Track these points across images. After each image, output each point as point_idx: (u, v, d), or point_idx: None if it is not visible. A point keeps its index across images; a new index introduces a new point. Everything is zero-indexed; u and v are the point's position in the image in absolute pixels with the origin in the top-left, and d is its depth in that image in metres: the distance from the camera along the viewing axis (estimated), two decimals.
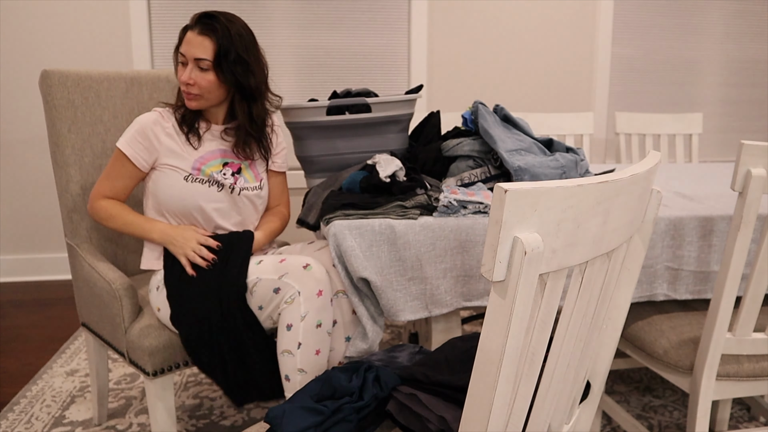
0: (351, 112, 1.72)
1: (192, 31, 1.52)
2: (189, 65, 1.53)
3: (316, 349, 1.39)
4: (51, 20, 3.17)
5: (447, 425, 0.99)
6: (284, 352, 1.39)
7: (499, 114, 1.73)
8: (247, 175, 1.65)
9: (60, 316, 2.82)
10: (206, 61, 1.51)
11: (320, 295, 1.39)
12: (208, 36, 1.50)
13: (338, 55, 3.43)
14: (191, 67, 1.52)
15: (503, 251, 0.59)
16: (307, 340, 1.38)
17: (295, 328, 1.38)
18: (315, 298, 1.39)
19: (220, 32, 1.50)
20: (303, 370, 1.39)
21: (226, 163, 1.62)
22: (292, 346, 1.38)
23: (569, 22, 3.59)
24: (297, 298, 1.38)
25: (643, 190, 0.80)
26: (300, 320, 1.38)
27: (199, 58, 1.51)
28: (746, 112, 3.92)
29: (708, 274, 1.53)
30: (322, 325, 1.39)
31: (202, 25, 1.51)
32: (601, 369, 0.99)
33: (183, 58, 1.54)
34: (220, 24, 1.50)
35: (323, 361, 1.41)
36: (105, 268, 1.60)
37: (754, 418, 1.95)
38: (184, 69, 1.54)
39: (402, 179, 1.57)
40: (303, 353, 1.38)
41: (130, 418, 1.94)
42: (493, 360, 0.62)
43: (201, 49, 1.50)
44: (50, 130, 1.71)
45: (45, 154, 3.29)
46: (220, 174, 1.60)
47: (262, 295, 1.43)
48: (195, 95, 1.55)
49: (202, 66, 1.51)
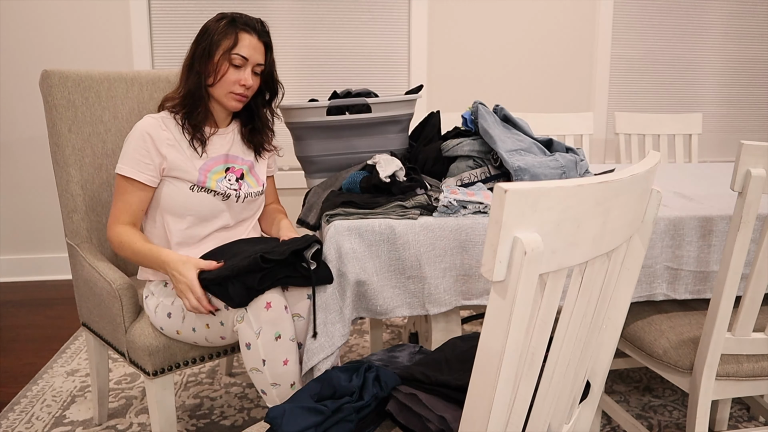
0: (351, 112, 1.72)
1: (251, 35, 1.54)
2: (247, 68, 1.54)
3: (282, 360, 1.35)
4: (51, 20, 3.17)
5: (447, 425, 0.99)
6: (252, 370, 1.37)
7: (498, 114, 1.73)
8: (249, 180, 1.64)
9: (60, 316, 2.82)
10: (261, 66, 1.57)
11: (268, 308, 1.34)
12: (265, 42, 1.57)
13: (338, 55, 3.43)
14: (250, 71, 1.55)
15: (503, 251, 0.59)
16: (269, 355, 1.34)
17: (254, 345, 1.34)
18: (263, 311, 1.34)
19: (271, 41, 1.59)
20: (276, 384, 1.36)
21: (228, 168, 1.60)
22: (257, 363, 1.35)
23: (569, 22, 3.59)
24: (245, 315, 1.34)
25: (643, 190, 0.80)
26: (256, 337, 1.34)
27: (259, 64, 1.56)
28: (746, 112, 3.93)
29: (707, 274, 1.53)
30: (281, 336, 1.35)
31: (262, 32, 1.56)
32: (600, 369, 0.99)
33: (242, 60, 1.52)
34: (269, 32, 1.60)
35: (295, 369, 1.37)
36: (105, 267, 1.60)
37: (754, 418, 1.95)
38: (237, 70, 1.53)
39: (402, 179, 1.57)
40: (270, 368, 1.35)
41: (131, 418, 1.94)
42: (493, 360, 0.63)
43: (261, 55, 1.56)
44: (50, 130, 1.71)
45: (45, 154, 3.29)
46: (225, 181, 1.58)
47: (220, 310, 1.41)
48: (246, 98, 1.58)
49: (257, 71, 1.57)
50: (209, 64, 1.52)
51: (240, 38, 1.52)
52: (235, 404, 2.03)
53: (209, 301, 1.40)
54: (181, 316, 1.48)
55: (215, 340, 1.50)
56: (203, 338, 1.49)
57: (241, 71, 1.53)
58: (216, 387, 2.15)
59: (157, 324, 1.52)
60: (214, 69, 1.52)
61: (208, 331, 1.47)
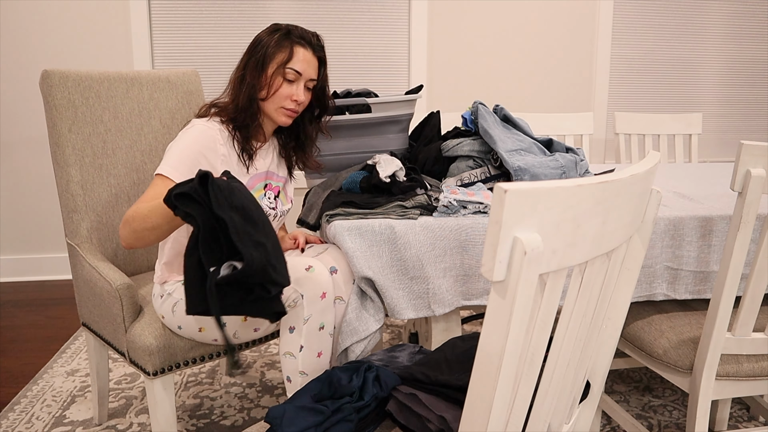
0: (351, 112, 1.72)
1: (306, 49, 1.48)
2: (300, 83, 1.49)
3: (318, 352, 1.39)
4: (51, 20, 3.17)
5: (447, 425, 0.99)
6: (286, 354, 1.39)
7: (498, 114, 1.74)
8: (282, 198, 1.63)
9: (60, 316, 2.82)
10: (314, 81, 1.52)
11: (323, 298, 1.38)
12: (319, 57, 1.52)
13: (338, 55, 3.43)
14: (303, 86, 1.50)
15: (503, 251, 0.59)
16: (309, 342, 1.37)
17: (298, 330, 1.37)
18: (318, 300, 1.37)
19: (326, 56, 1.54)
20: (304, 373, 1.39)
21: (266, 185, 1.58)
22: (294, 348, 1.38)
23: (569, 22, 3.59)
24: (300, 301, 1.36)
25: (643, 190, 0.80)
26: (303, 323, 1.37)
27: (312, 79, 1.51)
28: (746, 112, 3.93)
29: (707, 274, 1.53)
30: (324, 327, 1.38)
31: (317, 47, 1.51)
32: (600, 369, 0.99)
33: (295, 75, 1.47)
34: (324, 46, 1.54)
35: (325, 363, 1.41)
36: (105, 267, 1.60)
37: (754, 418, 1.95)
38: (291, 85, 1.48)
39: (402, 179, 1.57)
40: (305, 356, 1.38)
41: (131, 418, 1.94)
42: (493, 360, 0.63)
43: (314, 70, 1.51)
44: (50, 130, 1.72)
45: (45, 154, 3.29)
46: (265, 199, 1.57)
47: None
48: (297, 113, 1.52)
49: (309, 86, 1.51)
50: (262, 77, 1.47)
51: (295, 52, 1.47)
52: (235, 404, 2.03)
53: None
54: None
55: (245, 334, 1.49)
56: (231, 334, 1.49)
57: (294, 86, 1.48)
58: (216, 387, 2.15)
59: (174, 324, 1.49)
60: (267, 83, 1.47)
61: (243, 324, 1.47)
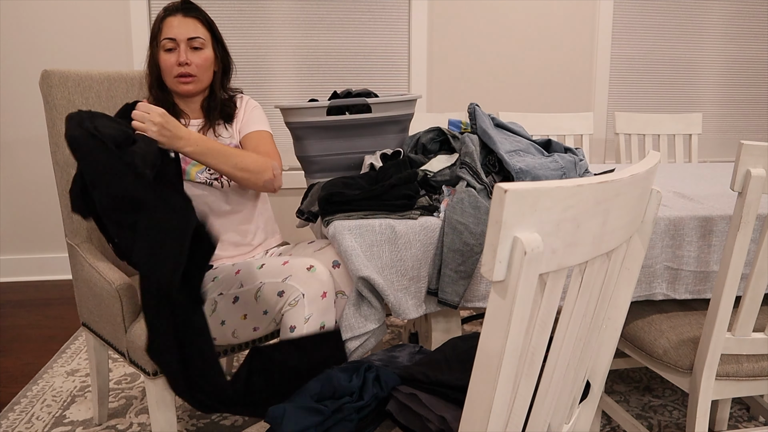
0: (351, 112, 1.72)
1: (174, 16, 1.57)
2: (181, 48, 1.56)
3: None
4: (51, 20, 3.17)
5: (447, 425, 0.99)
6: None
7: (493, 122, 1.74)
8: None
9: (60, 316, 2.82)
10: (200, 39, 1.58)
11: (324, 297, 1.38)
12: (195, 17, 1.58)
13: (338, 55, 3.43)
14: (184, 49, 1.56)
15: (503, 251, 0.59)
16: None
17: (298, 330, 1.37)
18: (319, 300, 1.38)
19: (202, 13, 1.60)
20: None
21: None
22: None
23: (569, 22, 3.59)
24: (301, 300, 1.37)
25: (643, 190, 0.80)
26: (303, 322, 1.37)
27: (193, 37, 1.56)
28: (746, 112, 3.93)
29: (707, 274, 1.53)
30: (325, 326, 1.39)
31: (186, 10, 1.58)
32: (600, 369, 0.99)
33: (171, 43, 1.57)
34: (197, 7, 1.61)
35: None
36: (105, 267, 1.60)
37: (754, 418, 1.95)
38: (171, 53, 1.57)
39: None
40: None
41: (131, 418, 1.94)
42: (493, 360, 0.63)
43: (193, 29, 1.57)
44: (50, 130, 1.72)
45: (45, 154, 3.29)
46: (207, 172, 1.60)
47: (267, 299, 1.42)
48: (192, 76, 1.58)
49: (196, 45, 1.57)
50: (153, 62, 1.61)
51: (163, 24, 1.57)
52: None
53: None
54: (210, 309, 1.49)
55: (244, 334, 1.49)
56: (230, 333, 1.49)
57: (175, 54, 1.57)
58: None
59: None
60: (156, 63, 1.60)
61: (242, 322, 1.47)
